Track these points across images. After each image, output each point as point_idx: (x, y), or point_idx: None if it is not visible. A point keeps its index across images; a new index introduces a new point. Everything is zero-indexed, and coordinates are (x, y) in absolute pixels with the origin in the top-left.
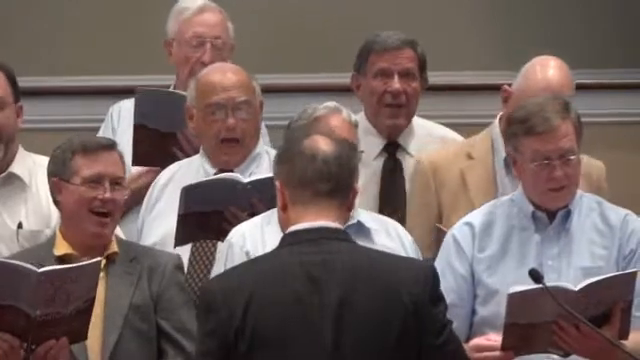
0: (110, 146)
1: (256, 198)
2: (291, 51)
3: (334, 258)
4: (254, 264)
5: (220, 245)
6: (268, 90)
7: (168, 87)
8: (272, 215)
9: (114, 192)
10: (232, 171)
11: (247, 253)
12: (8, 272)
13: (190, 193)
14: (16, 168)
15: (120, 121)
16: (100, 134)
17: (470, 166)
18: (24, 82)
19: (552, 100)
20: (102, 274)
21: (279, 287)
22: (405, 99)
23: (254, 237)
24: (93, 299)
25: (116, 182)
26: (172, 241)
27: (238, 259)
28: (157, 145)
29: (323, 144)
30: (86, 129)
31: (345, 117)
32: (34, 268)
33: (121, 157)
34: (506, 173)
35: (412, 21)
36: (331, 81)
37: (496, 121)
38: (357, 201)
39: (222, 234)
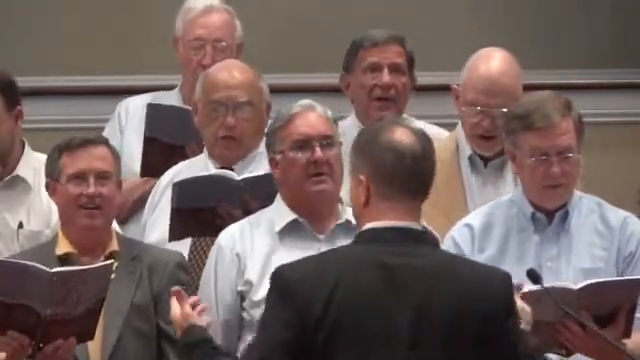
0: (95, 141)
1: (249, 195)
2: (292, 51)
3: (415, 261)
4: (331, 256)
5: None
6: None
7: (172, 87)
8: (260, 216)
9: (99, 186)
10: (231, 169)
11: (237, 255)
12: (20, 272)
13: (182, 188)
14: (21, 170)
15: (128, 119)
16: (105, 133)
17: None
18: (24, 82)
19: (552, 97)
20: None
21: (360, 282)
22: (394, 93)
23: (244, 239)
24: (103, 299)
25: (102, 176)
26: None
27: (228, 261)
28: (165, 157)
29: (407, 139)
30: (86, 129)
31: (321, 113)
32: (46, 269)
33: (113, 151)
34: (471, 172)
35: (412, 21)
36: (331, 81)
37: (460, 122)
38: (346, 199)
39: (217, 230)
